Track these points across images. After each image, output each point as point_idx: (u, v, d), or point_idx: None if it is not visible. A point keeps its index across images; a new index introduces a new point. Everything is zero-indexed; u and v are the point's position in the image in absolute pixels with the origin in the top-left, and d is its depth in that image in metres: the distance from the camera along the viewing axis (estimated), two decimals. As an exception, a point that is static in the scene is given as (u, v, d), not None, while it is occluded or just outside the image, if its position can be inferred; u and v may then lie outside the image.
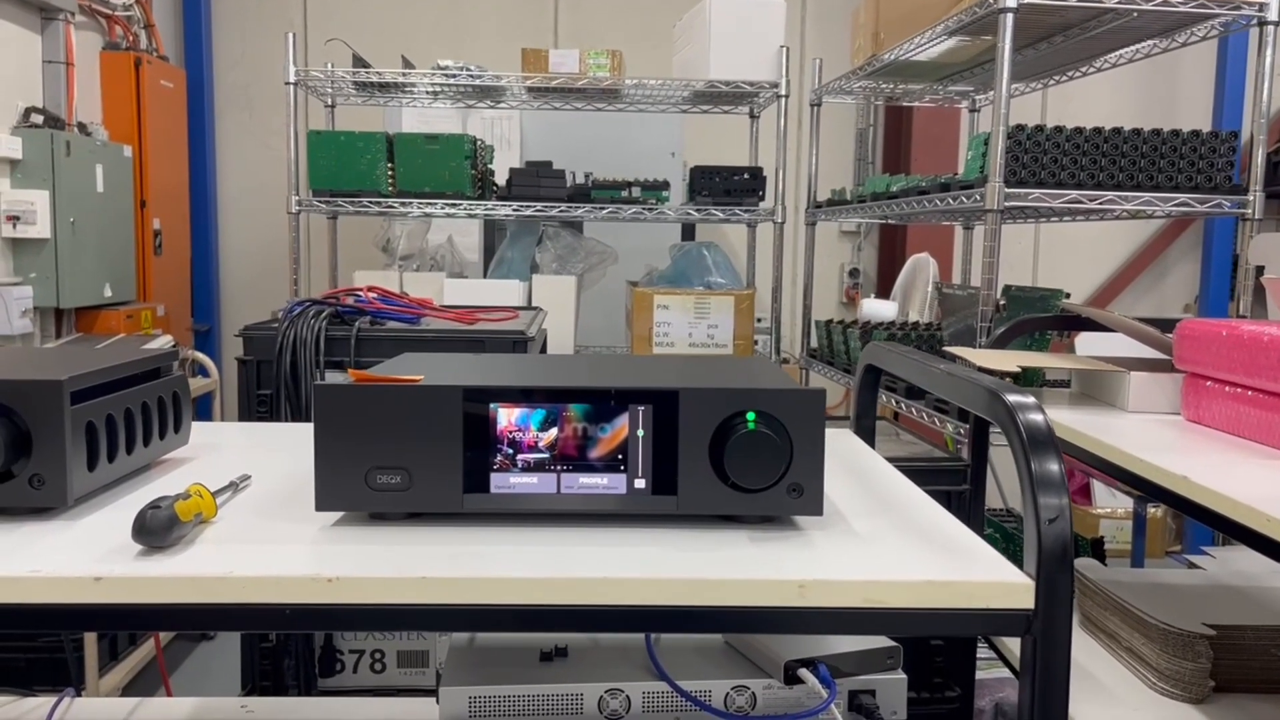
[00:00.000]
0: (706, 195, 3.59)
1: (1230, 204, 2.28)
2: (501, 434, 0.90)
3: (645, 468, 0.90)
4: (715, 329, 3.49)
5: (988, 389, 0.90)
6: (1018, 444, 0.82)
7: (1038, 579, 0.78)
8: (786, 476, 0.89)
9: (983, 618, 0.79)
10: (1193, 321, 1.45)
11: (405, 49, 5.00)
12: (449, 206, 3.44)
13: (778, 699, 1.13)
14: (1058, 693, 0.79)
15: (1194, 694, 1.39)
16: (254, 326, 2.36)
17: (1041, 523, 0.78)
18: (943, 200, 2.55)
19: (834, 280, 5.74)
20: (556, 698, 1.11)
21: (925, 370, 1.11)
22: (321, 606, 0.77)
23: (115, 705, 1.37)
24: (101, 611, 0.77)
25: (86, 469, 0.93)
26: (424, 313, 2.57)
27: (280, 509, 0.96)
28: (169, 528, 0.82)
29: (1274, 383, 1.26)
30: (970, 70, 3.50)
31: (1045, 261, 5.76)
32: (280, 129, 5.27)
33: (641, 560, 0.82)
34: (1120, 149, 2.26)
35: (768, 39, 3.60)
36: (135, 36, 4.74)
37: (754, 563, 0.82)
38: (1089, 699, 1.39)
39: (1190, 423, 1.45)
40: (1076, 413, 1.53)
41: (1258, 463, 1.21)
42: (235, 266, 5.59)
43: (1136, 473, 1.23)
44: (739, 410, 0.89)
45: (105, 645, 3.13)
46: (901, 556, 0.85)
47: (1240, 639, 1.42)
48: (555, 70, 3.59)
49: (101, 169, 4.21)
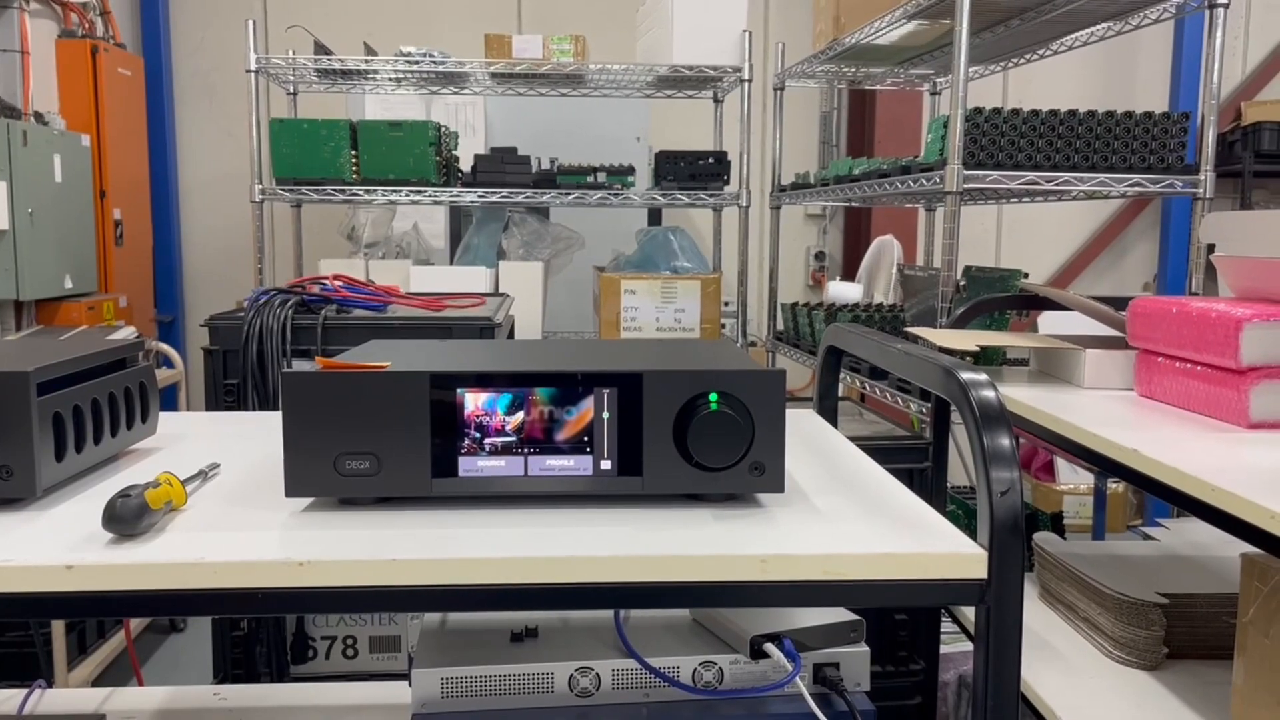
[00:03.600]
0: (672, 180, 3.60)
1: (1183, 184, 2.32)
2: (469, 418, 0.91)
3: (611, 449, 0.92)
4: (682, 313, 3.51)
5: (943, 367, 0.92)
6: (971, 420, 0.85)
7: (990, 549, 0.81)
8: (749, 455, 0.91)
9: (938, 588, 0.81)
10: (1145, 300, 1.48)
11: (366, 36, 4.97)
12: (414, 193, 3.43)
13: (744, 673, 1.15)
14: (1010, 659, 0.82)
15: (1148, 661, 1.43)
16: (220, 316, 2.35)
17: (993, 495, 0.81)
18: (904, 183, 2.58)
19: (800, 263, 5.78)
20: (528, 677, 1.13)
21: (884, 350, 1.14)
22: (293, 590, 0.79)
23: (87, 695, 1.37)
24: (74, 599, 0.77)
25: (55, 459, 0.94)
26: (390, 300, 2.57)
27: (250, 496, 0.97)
28: (139, 516, 0.82)
29: (1221, 358, 1.29)
30: (931, 53, 3.53)
31: (1008, 243, 5.83)
32: (241, 116, 5.23)
33: (609, 539, 0.84)
34: (1076, 131, 2.30)
35: (730, 23, 3.61)
36: (91, 24, 4.67)
37: (718, 539, 0.84)
38: (1047, 668, 1.43)
39: (1143, 398, 1.49)
40: (1034, 390, 1.57)
41: (1206, 436, 1.24)
42: (198, 256, 5.54)
43: (1090, 447, 1.27)
44: (702, 391, 0.91)
45: (74, 639, 3.11)
46: (860, 531, 0.87)
47: (1192, 607, 1.47)
48: (519, 56, 3.58)
49: (59, 159, 4.15)
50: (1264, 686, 1.16)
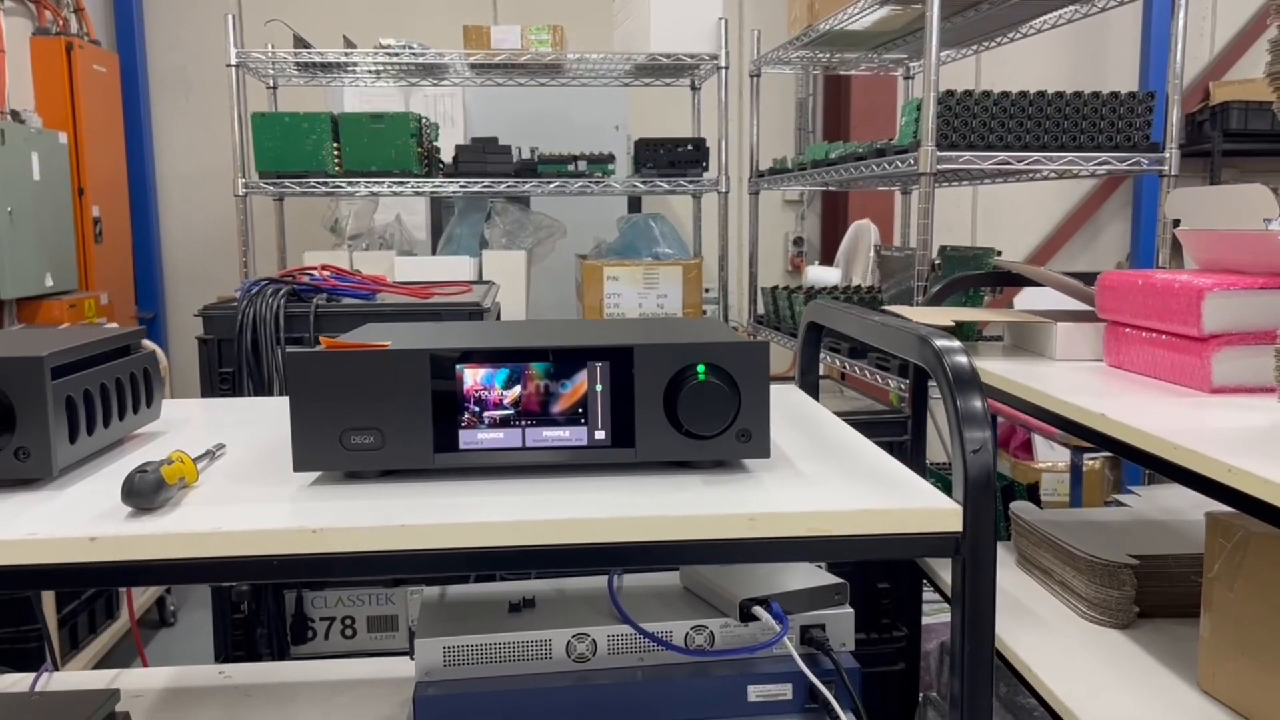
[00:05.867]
0: (651, 167, 3.64)
1: (1149, 161, 2.38)
2: (468, 393, 0.95)
3: (604, 420, 0.97)
4: (665, 299, 3.55)
5: (918, 336, 0.97)
6: (945, 384, 0.90)
7: (965, 504, 0.86)
8: (736, 423, 0.96)
9: (916, 541, 0.87)
10: (1112, 273, 1.54)
11: (344, 28, 4.97)
12: (396, 185, 3.46)
13: (734, 635, 1.20)
14: (985, 610, 0.88)
15: (1120, 620, 1.49)
16: (213, 306, 2.39)
17: (967, 454, 0.86)
18: (879, 165, 2.63)
19: (779, 248, 5.83)
20: (527, 644, 1.18)
21: (863, 324, 1.19)
22: (307, 556, 0.83)
23: (95, 676, 1.41)
24: (98, 569, 0.81)
25: (69, 441, 0.97)
26: (379, 289, 2.60)
27: (257, 473, 1.01)
28: (157, 490, 0.86)
29: (1184, 326, 1.35)
30: (903, 38, 3.58)
31: (984, 225, 5.90)
32: (219, 111, 5.22)
33: (605, 503, 0.88)
34: (1045, 111, 2.36)
35: (706, 11, 3.65)
36: (65, 21, 4.65)
37: (708, 500, 0.89)
38: (1024, 629, 1.48)
39: (1112, 368, 1.55)
40: (1008, 363, 1.62)
41: (1170, 400, 1.30)
42: (178, 252, 5.53)
43: (1060, 414, 1.32)
44: (690, 363, 0.96)
45: (66, 634, 3.14)
46: (842, 490, 0.92)
47: (1163, 567, 1.53)
48: (497, 46, 3.61)
49: (37, 157, 4.14)
50: (1229, 639, 1.22)
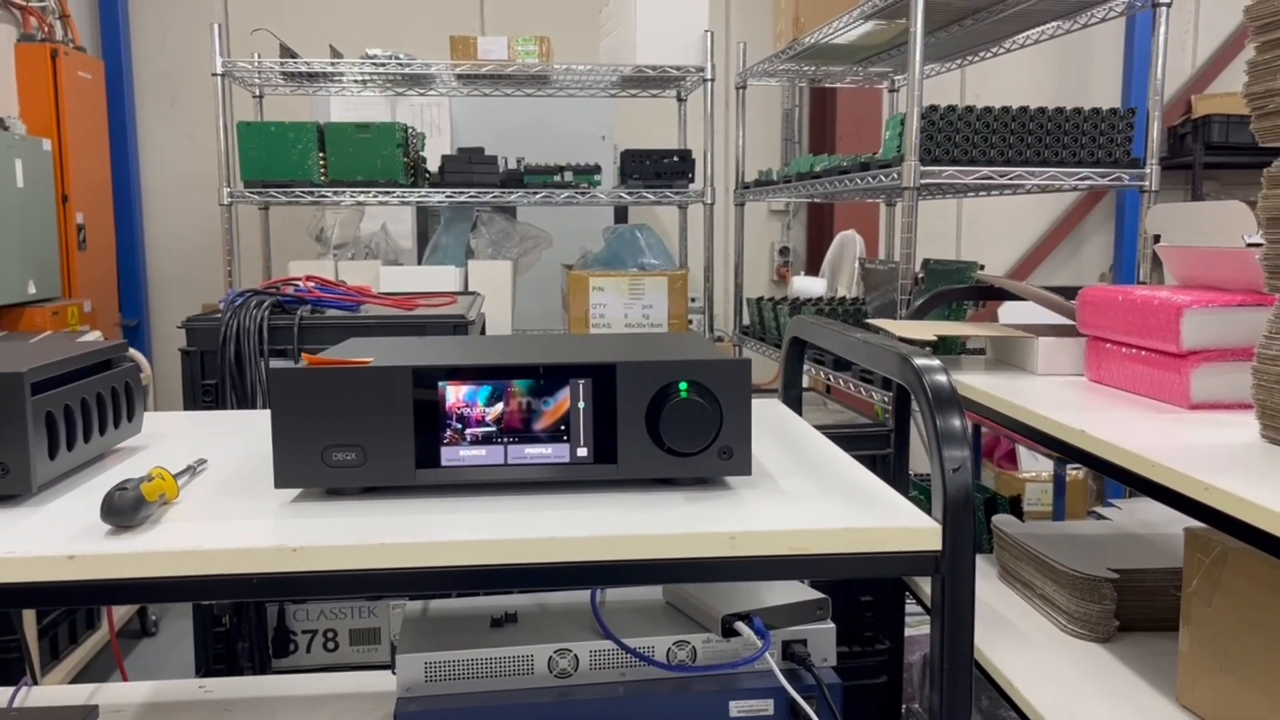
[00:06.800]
0: (637, 178, 3.65)
1: (1130, 177, 2.41)
2: (450, 410, 0.95)
3: (587, 437, 0.97)
4: (650, 309, 3.56)
5: (898, 354, 0.98)
6: (925, 403, 0.91)
7: (944, 523, 0.87)
8: (717, 440, 0.96)
9: (896, 559, 0.87)
10: (1093, 289, 1.55)
11: (330, 38, 4.97)
12: (382, 194, 3.46)
13: (716, 651, 1.21)
14: (965, 625, 0.88)
15: (1100, 633, 1.50)
16: (197, 318, 2.38)
17: (946, 473, 0.87)
18: (863, 179, 2.64)
19: (765, 259, 5.85)
20: (509, 659, 1.18)
21: (845, 340, 1.19)
22: (287, 575, 0.83)
23: (74, 691, 1.40)
24: (77, 588, 0.81)
25: (48, 457, 0.97)
26: (364, 300, 2.60)
27: (239, 489, 1.00)
28: (136, 507, 0.86)
29: (1164, 343, 1.36)
30: (888, 52, 3.60)
31: (968, 236, 5.93)
32: (204, 119, 5.21)
33: (587, 521, 0.88)
34: (1028, 127, 2.38)
35: (692, 23, 3.67)
36: (50, 27, 4.64)
37: (689, 519, 0.89)
38: (1004, 642, 1.49)
39: (1093, 383, 1.56)
40: (989, 377, 1.63)
41: (1149, 416, 1.31)
42: (162, 260, 5.51)
43: (1041, 429, 1.33)
44: (672, 380, 0.96)
45: (46, 645, 3.11)
46: (823, 509, 0.93)
47: (1142, 581, 1.54)
48: (484, 57, 3.61)
49: (21, 163, 4.12)
50: (1208, 653, 1.23)
